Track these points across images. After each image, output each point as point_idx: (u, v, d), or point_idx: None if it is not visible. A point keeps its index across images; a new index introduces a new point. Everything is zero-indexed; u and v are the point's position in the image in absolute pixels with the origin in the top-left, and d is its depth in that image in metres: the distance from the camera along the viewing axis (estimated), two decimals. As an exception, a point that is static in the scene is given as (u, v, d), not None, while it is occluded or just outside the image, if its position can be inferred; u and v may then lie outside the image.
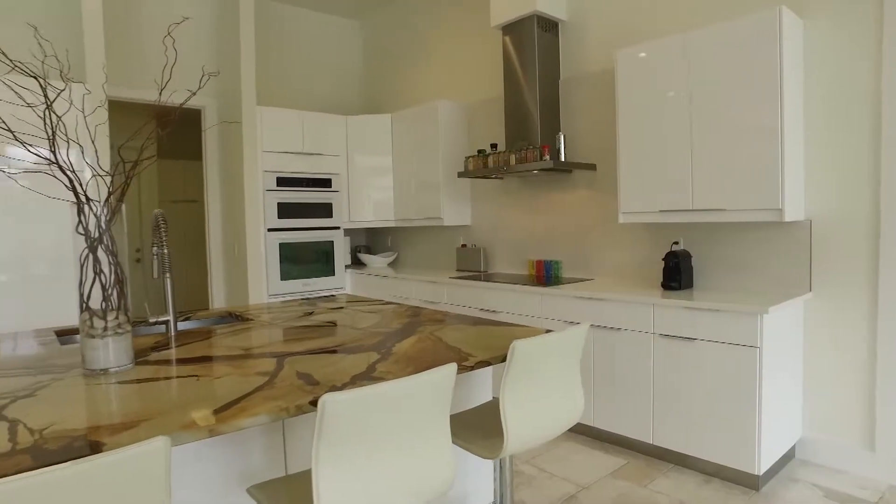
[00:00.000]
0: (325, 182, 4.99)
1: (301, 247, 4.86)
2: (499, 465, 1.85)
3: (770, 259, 2.98)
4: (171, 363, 1.65)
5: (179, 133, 4.57)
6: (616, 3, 3.60)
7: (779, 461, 2.76)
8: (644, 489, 2.64)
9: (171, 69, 1.93)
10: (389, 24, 5.56)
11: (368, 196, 5.16)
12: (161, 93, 1.58)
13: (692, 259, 3.26)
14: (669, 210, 3.05)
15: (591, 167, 3.70)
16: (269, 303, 2.96)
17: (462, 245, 4.79)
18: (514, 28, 3.88)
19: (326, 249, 5.01)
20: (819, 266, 2.83)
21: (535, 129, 3.79)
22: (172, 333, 2.11)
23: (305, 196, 4.87)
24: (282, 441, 1.69)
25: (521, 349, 1.51)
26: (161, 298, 6.63)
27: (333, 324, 2.25)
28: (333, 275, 5.07)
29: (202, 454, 1.54)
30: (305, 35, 5.54)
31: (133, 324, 1.83)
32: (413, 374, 1.23)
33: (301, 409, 1.25)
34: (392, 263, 5.57)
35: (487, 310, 3.80)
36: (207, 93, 4.94)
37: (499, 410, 1.86)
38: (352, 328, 2.14)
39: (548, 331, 1.77)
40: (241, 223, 4.63)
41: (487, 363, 1.61)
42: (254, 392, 1.33)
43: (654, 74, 3.06)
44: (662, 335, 2.84)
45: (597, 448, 3.13)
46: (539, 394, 1.60)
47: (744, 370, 2.55)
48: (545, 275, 4.04)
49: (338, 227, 5.09)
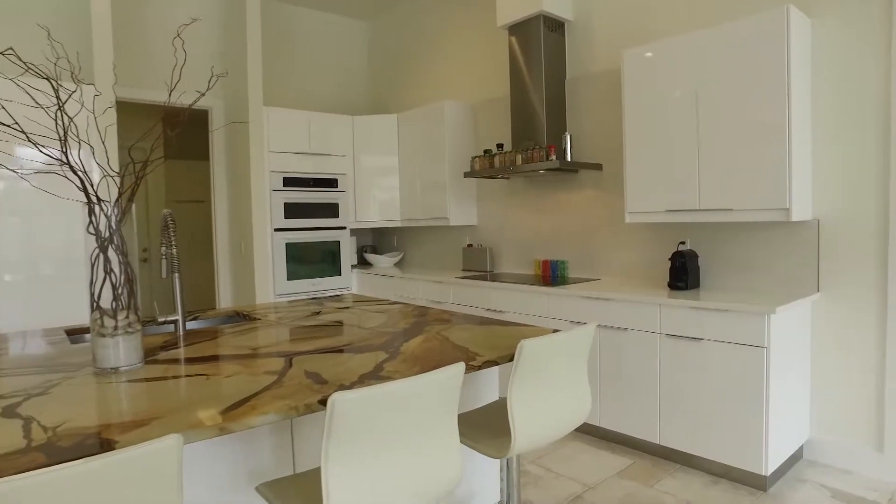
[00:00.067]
0: (332, 182, 5.01)
1: (307, 247, 4.87)
2: (506, 465, 1.86)
3: (777, 259, 2.97)
4: (181, 362, 1.66)
5: (186, 133, 4.61)
6: (622, 3, 3.60)
7: (786, 462, 2.75)
8: (650, 489, 2.64)
9: (181, 70, 1.94)
10: (396, 25, 5.57)
11: (374, 196, 5.17)
12: (171, 94, 1.59)
13: (699, 259, 3.25)
14: (676, 210, 3.04)
15: (598, 167, 3.70)
16: (276, 302, 2.97)
17: (468, 245, 4.79)
18: (521, 28, 3.89)
19: (333, 249, 5.03)
20: (827, 266, 2.82)
21: (542, 129, 3.79)
22: (181, 333, 2.13)
23: (312, 196, 4.89)
24: (290, 440, 1.70)
25: (529, 349, 1.51)
26: (168, 298, 6.67)
27: (340, 323, 2.26)
28: (340, 275, 5.09)
29: (211, 453, 1.55)
30: (312, 35, 5.55)
31: (142, 323, 1.84)
32: (421, 374, 1.23)
33: (310, 408, 1.25)
34: (398, 263, 5.58)
35: (494, 310, 3.80)
36: (214, 93, 4.96)
37: (506, 410, 1.86)
38: (359, 328, 2.15)
39: (555, 331, 1.77)
40: (248, 223, 4.65)
41: (495, 363, 1.61)
42: (263, 391, 1.34)
43: (661, 74, 3.05)
44: (669, 335, 2.84)
45: (603, 448, 3.13)
46: (546, 393, 1.60)
47: (751, 370, 2.55)
48: (551, 275, 4.04)
49: (344, 227, 5.11)
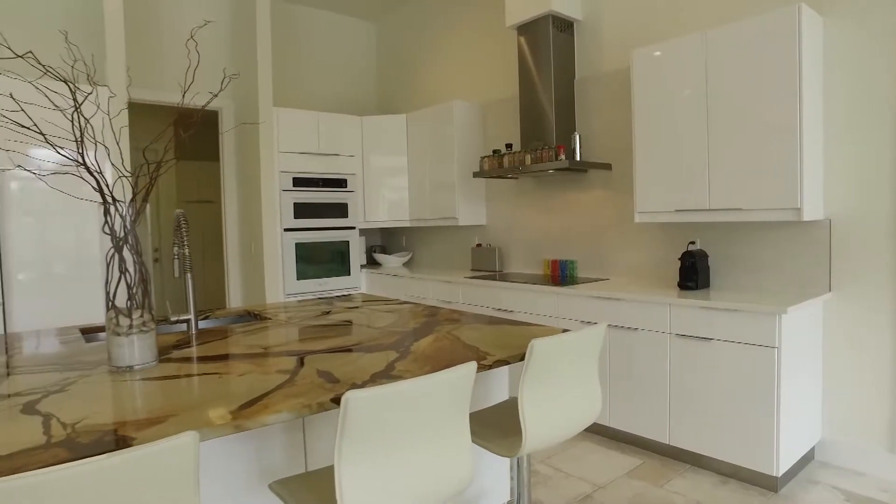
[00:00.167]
0: (341, 182, 5.03)
1: (317, 247, 4.90)
2: (516, 464, 1.86)
3: (788, 259, 2.96)
4: (194, 361, 1.68)
5: (197, 134, 4.64)
6: (631, 3, 3.59)
7: (797, 463, 2.74)
8: (660, 489, 2.63)
9: (195, 72, 1.96)
10: (404, 25, 5.59)
11: (383, 196, 5.18)
12: (184, 95, 1.61)
13: (709, 259, 3.24)
14: (686, 210, 3.03)
15: (607, 167, 3.69)
16: (286, 302, 2.99)
17: (477, 245, 4.80)
18: (530, 28, 3.89)
19: (342, 249, 5.05)
20: (839, 266, 2.80)
21: (551, 129, 3.79)
22: (193, 332, 2.15)
23: (321, 196, 4.91)
24: (302, 438, 1.72)
25: (540, 348, 1.52)
26: (180, 298, 6.72)
27: (351, 323, 2.28)
28: (349, 274, 5.11)
29: (224, 450, 1.57)
30: (321, 36, 5.58)
31: (155, 322, 1.86)
32: (432, 373, 1.24)
33: (323, 407, 1.27)
34: (407, 263, 5.59)
35: (503, 309, 3.81)
36: (224, 94, 4.99)
37: (516, 409, 1.87)
38: (369, 327, 2.16)
39: (564, 330, 1.77)
40: (258, 223, 4.68)
41: (505, 362, 1.62)
42: (276, 389, 1.35)
43: (671, 73, 3.04)
44: (679, 335, 2.83)
45: (612, 448, 3.12)
46: (557, 393, 1.61)
47: (762, 370, 2.54)
48: (560, 274, 4.04)
49: (353, 227, 5.13)
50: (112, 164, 1.57)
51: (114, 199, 1.60)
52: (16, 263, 3.32)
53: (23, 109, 1.41)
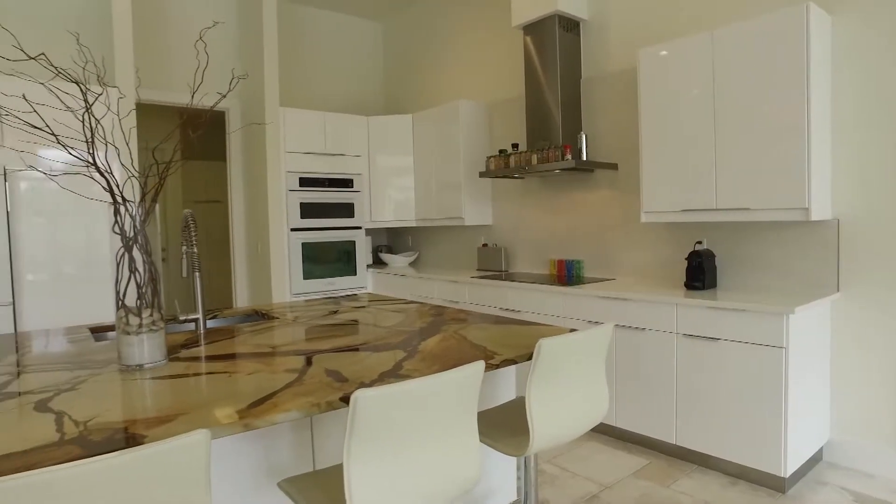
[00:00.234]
0: (347, 182, 5.04)
1: (323, 246, 4.91)
2: (523, 464, 1.86)
3: (796, 259, 2.94)
4: (202, 360, 1.69)
5: (203, 134, 4.66)
6: (637, 3, 3.58)
7: (806, 463, 2.73)
8: (667, 489, 2.63)
9: (203, 73, 1.97)
10: (410, 25, 5.60)
11: (390, 196, 5.19)
12: (193, 96, 1.62)
13: (716, 259, 3.23)
14: (692, 209, 3.02)
15: (613, 167, 3.69)
16: (293, 302, 3.00)
17: (483, 245, 4.80)
18: (536, 28, 3.89)
19: (348, 249, 5.06)
20: (847, 266, 2.79)
21: (557, 129, 3.78)
22: (202, 331, 2.16)
23: (327, 196, 4.92)
24: (310, 437, 1.73)
25: (548, 347, 1.52)
26: (186, 297, 6.75)
27: (358, 322, 2.28)
28: (355, 274, 5.12)
29: (233, 449, 1.58)
30: (327, 37, 5.59)
31: (164, 322, 1.87)
32: (440, 372, 1.25)
33: (331, 406, 1.27)
34: (413, 263, 5.60)
35: (509, 309, 3.81)
36: (231, 94, 5.02)
37: (523, 408, 1.87)
38: (377, 327, 2.17)
39: (571, 330, 1.77)
40: (265, 223, 4.70)
41: (513, 361, 1.62)
42: (284, 388, 1.36)
43: (678, 73, 3.04)
44: (686, 335, 2.83)
45: (619, 448, 3.12)
46: (564, 392, 1.61)
47: (769, 371, 2.53)
48: (567, 274, 4.03)
49: (359, 227, 5.14)
50: (122, 164, 1.58)
51: (124, 199, 1.62)
52: (26, 263, 3.35)
53: (35, 111, 1.42)
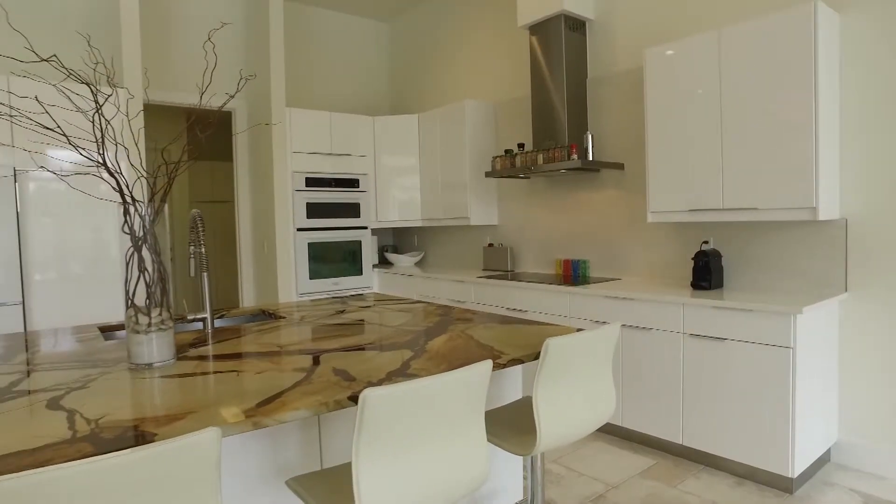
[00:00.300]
0: (353, 182, 5.05)
1: (329, 246, 4.93)
2: (530, 463, 1.87)
3: (803, 258, 2.93)
4: (211, 359, 1.70)
5: (210, 135, 4.68)
6: (644, 2, 3.58)
7: (813, 464, 2.72)
8: (674, 489, 2.62)
9: (212, 73, 1.99)
10: (416, 25, 5.60)
11: (395, 196, 5.20)
12: (202, 97, 1.63)
13: (722, 258, 3.22)
14: (699, 209, 3.02)
15: (619, 166, 3.68)
16: (300, 301, 3.01)
17: (489, 244, 4.80)
18: (541, 28, 3.88)
19: (354, 249, 5.07)
20: (855, 265, 2.77)
21: (563, 129, 3.78)
22: (210, 330, 2.17)
23: (333, 196, 4.94)
24: (317, 436, 1.73)
25: (556, 346, 1.52)
26: (192, 297, 6.78)
27: (365, 322, 2.29)
28: (361, 274, 5.13)
29: (241, 447, 1.59)
30: (333, 37, 5.61)
31: (173, 320, 1.88)
32: (448, 371, 1.25)
33: (340, 404, 1.28)
34: (419, 263, 5.61)
35: (515, 309, 3.81)
36: (237, 95, 5.04)
37: (530, 408, 1.87)
38: (384, 326, 2.17)
39: (578, 330, 1.77)
40: (271, 223, 4.72)
41: (520, 361, 1.62)
42: (293, 387, 1.37)
43: (684, 72, 3.03)
44: (692, 335, 2.82)
45: (625, 448, 3.11)
46: (572, 391, 1.61)
47: (777, 371, 2.52)
48: (573, 274, 4.03)
49: (365, 227, 5.15)
50: (131, 165, 1.60)
51: (133, 200, 1.63)
52: (35, 264, 3.37)
53: (47, 112, 1.44)
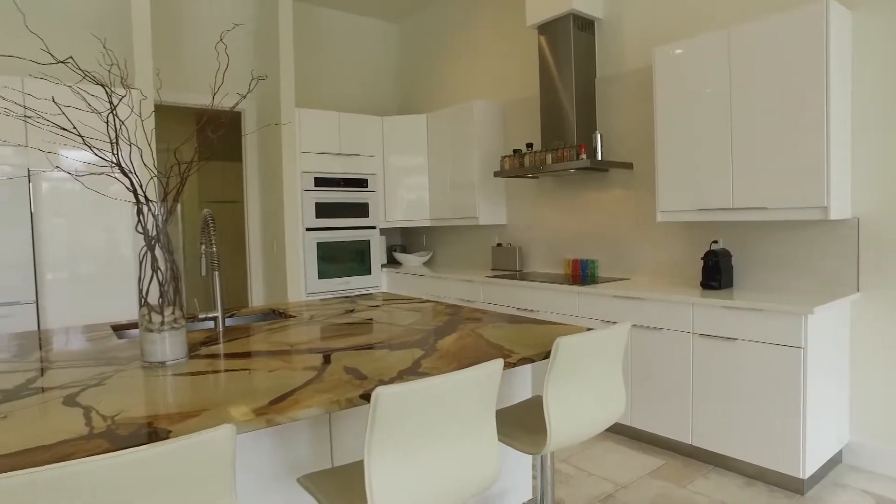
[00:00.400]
0: (362, 182, 5.07)
1: (338, 246, 4.94)
2: (539, 463, 1.87)
3: (815, 258, 2.91)
4: (222, 357, 1.71)
5: (220, 135, 4.71)
6: (653, 1, 3.56)
7: (825, 465, 2.70)
8: (683, 490, 2.61)
9: (224, 74, 2.00)
10: (425, 26, 5.61)
11: (404, 196, 5.21)
12: (214, 97, 1.65)
13: (732, 258, 3.21)
14: (709, 209, 3.00)
15: (628, 166, 3.67)
16: (309, 301, 3.03)
17: (497, 244, 4.80)
18: (550, 27, 3.88)
19: (363, 248, 5.09)
20: (867, 265, 2.75)
21: (572, 128, 3.78)
22: (221, 329, 2.19)
23: (342, 196, 4.96)
24: (328, 433, 1.74)
25: (566, 345, 1.52)
26: (202, 296, 6.82)
27: (374, 321, 2.30)
28: (370, 274, 5.15)
29: (253, 444, 1.60)
30: (342, 37, 5.63)
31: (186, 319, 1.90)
32: (458, 370, 1.25)
33: (351, 403, 1.29)
34: (427, 262, 5.62)
35: (524, 309, 3.81)
36: (247, 96, 5.06)
37: (540, 407, 1.87)
38: (394, 325, 2.18)
39: (588, 329, 1.77)
40: (280, 223, 4.74)
41: (530, 360, 1.63)
42: (304, 385, 1.38)
43: (694, 71, 3.02)
44: (702, 335, 2.81)
45: (634, 448, 3.11)
46: (582, 390, 1.61)
47: (787, 371, 2.51)
48: (581, 274, 4.02)
49: (374, 227, 5.16)
50: (144, 165, 1.61)
51: (147, 199, 1.64)
52: (49, 263, 3.41)
53: (63, 113, 1.46)
